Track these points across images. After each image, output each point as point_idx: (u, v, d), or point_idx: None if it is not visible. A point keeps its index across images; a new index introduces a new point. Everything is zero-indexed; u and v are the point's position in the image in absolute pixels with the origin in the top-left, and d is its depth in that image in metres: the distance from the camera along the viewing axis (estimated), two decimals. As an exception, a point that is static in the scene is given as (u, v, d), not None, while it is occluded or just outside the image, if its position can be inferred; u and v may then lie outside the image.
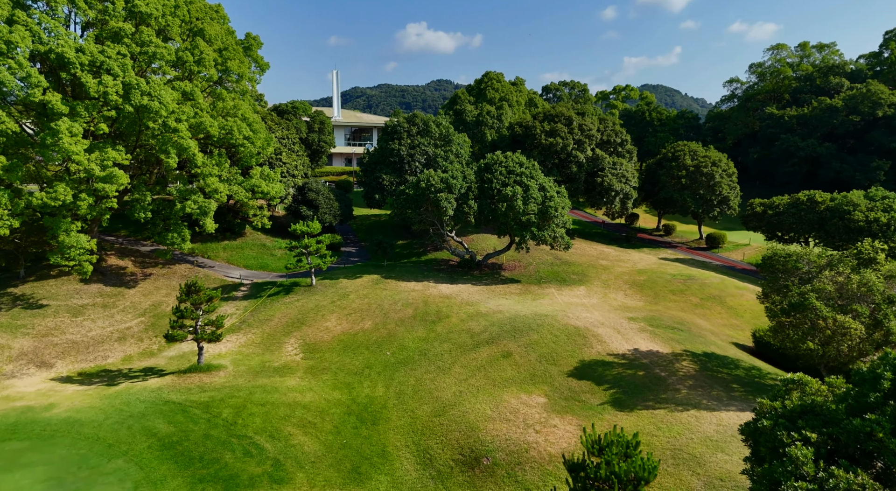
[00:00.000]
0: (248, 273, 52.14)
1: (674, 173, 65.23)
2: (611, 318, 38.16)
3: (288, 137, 62.64)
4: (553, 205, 47.18)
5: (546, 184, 49.05)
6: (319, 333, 39.91)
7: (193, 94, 42.22)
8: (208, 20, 45.85)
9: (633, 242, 70.06)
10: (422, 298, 45.20)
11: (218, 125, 44.23)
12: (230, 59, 45.11)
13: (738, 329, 40.13)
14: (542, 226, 47.76)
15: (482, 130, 76.99)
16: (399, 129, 62.48)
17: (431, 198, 48.91)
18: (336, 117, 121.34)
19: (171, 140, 40.64)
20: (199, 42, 42.60)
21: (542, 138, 62.12)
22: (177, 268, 50.57)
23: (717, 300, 44.53)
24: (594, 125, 64.25)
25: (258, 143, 47.05)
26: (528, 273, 52.48)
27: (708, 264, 59.32)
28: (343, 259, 59.33)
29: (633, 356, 31.73)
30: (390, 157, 61.88)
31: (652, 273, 51.56)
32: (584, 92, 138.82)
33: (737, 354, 33.28)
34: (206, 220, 45.42)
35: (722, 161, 65.03)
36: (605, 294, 46.25)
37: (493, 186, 48.54)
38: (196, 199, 44.41)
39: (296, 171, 59.57)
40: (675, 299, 44.85)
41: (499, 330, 36.97)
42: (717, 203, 64.76)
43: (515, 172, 48.88)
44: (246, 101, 51.79)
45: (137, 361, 36.68)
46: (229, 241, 58.23)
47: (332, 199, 61.79)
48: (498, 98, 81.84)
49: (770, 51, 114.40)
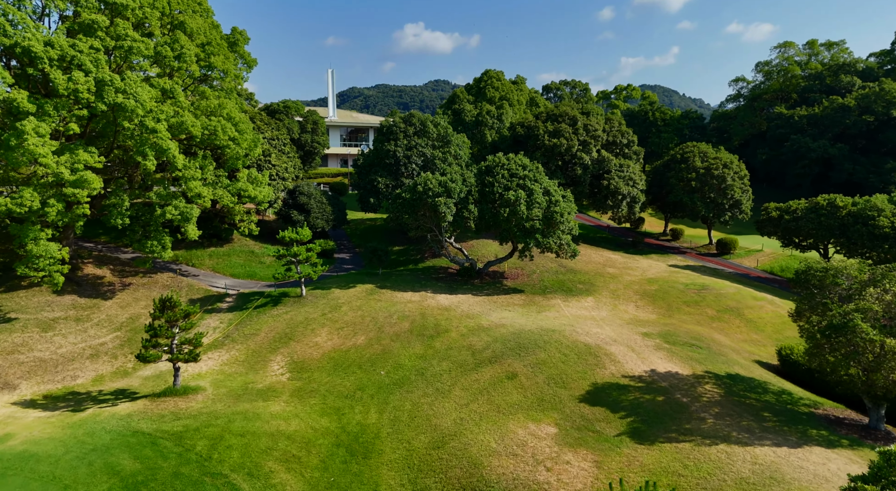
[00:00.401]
0: (235, 282, 49.50)
1: (683, 176, 62.83)
2: (623, 333, 35.64)
3: (278, 138, 60.06)
4: (558, 210, 44.70)
5: (551, 187, 46.57)
6: (308, 349, 37.31)
7: (174, 91, 39.64)
8: (190, 13, 43.28)
9: (641, 248, 67.64)
10: (419, 309, 42.65)
11: (201, 125, 41.64)
12: (214, 54, 42.54)
13: (759, 345, 37.66)
14: (547, 232, 45.27)
15: (482, 131, 74.55)
16: (395, 130, 59.98)
17: (429, 202, 46.39)
18: (331, 117, 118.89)
19: (148, 141, 38.04)
20: (180, 36, 40.03)
21: (545, 139, 59.66)
22: (158, 277, 47.92)
23: (734, 313, 42.05)
24: (599, 125, 61.82)
25: (244, 144, 44.48)
26: (531, 282, 49.97)
27: (720, 272, 56.87)
28: (336, 266, 56.76)
29: (651, 378, 29.21)
30: (386, 159, 59.35)
31: (663, 282, 49.08)
32: (585, 91, 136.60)
33: (763, 376, 30.78)
34: (188, 226, 42.84)
35: (734, 163, 62.66)
36: (614, 306, 43.74)
37: (494, 190, 46.05)
38: (177, 204, 41.82)
39: (286, 174, 57.00)
40: (689, 312, 42.37)
41: (502, 347, 34.43)
42: (728, 207, 62.36)
43: (518, 175, 46.39)
44: (232, 100, 49.23)
45: (109, 382, 34.01)
46: (216, 247, 55.61)
47: (324, 203, 59.24)
48: (498, 97, 79.40)
49: (777, 49, 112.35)
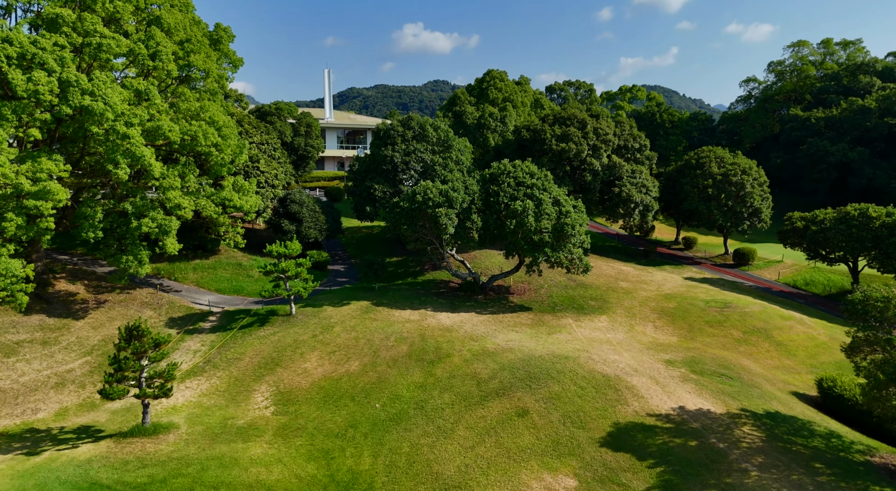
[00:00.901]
0: (220, 299, 46.41)
1: (699, 182, 59.85)
2: (644, 361, 32.56)
3: (268, 143, 57.06)
4: (569, 221, 41.67)
5: (561, 197, 43.55)
6: (296, 377, 34.22)
7: (149, 93, 36.63)
8: (168, 7, 40.31)
9: (653, 259, 64.62)
10: (418, 330, 39.60)
11: (180, 130, 38.62)
12: (194, 52, 39.54)
13: (793, 372, 34.60)
14: (557, 246, 42.23)
15: (484, 134, 71.57)
16: (392, 134, 56.98)
17: (429, 213, 43.37)
18: (328, 119, 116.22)
19: (120, 148, 35.01)
20: (156, 32, 37.03)
21: (552, 144, 56.67)
22: (137, 293, 44.85)
23: (762, 334, 39.00)
24: (610, 129, 58.85)
25: (227, 151, 41.46)
26: (539, 298, 46.90)
27: (740, 286, 53.82)
28: (330, 279, 53.72)
29: (680, 418, 26.13)
30: (383, 165, 56.34)
31: (681, 299, 46.03)
32: (590, 92, 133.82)
33: (805, 413, 27.70)
34: (166, 239, 39.76)
35: (752, 169, 59.69)
36: (631, 326, 40.67)
37: (500, 200, 43.03)
38: (155, 216, 38.75)
39: (276, 181, 53.98)
40: (713, 333, 39.31)
41: (510, 376, 31.37)
42: (747, 216, 59.36)
43: (525, 184, 43.38)
44: (217, 102, 46.25)
45: (73, 416, 30.90)
46: (201, 259, 52.53)
47: (317, 211, 56.21)
48: (501, 99, 76.45)
49: (790, 48, 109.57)
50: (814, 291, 53.11)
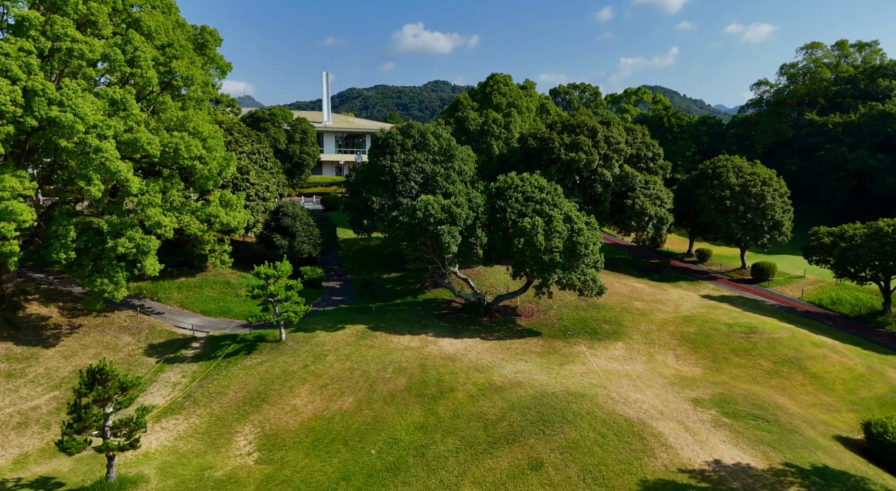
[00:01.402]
0: (205, 321, 43.52)
1: (715, 194, 56.96)
2: (670, 401, 29.61)
3: (260, 152, 54.24)
4: (582, 240, 38.78)
5: (572, 213, 40.69)
6: (284, 415, 31.31)
7: (125, 102, 33.82)
8: (148, 9, 37.53)
9: (666, 273, 61.70)
10: (418, 359, 36.73)
11: (160, 142, 35.80)
12: (176, 58, 36.73)
13: (832, 411, 31.64)
14: (570, 266, 39.34)
15: (488, 141, 68.78)
16: (391, 143, 54.16)
17: (430, 231, 40.51)
18: (326, 122, 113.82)
19: (93, 162, 32.18)
20: (133, 36, 34.24)
21: (561, 153, 53.82)
22: (115, 316, 41.98)
23: (794, 365, 36.04)
24: (622, 137, 56.01)
25: (213, 164, 38.63)
26: (549, 321, 43.98)
27: (762, 305, 50.88)
28: (325, 298, 50.83)
29: (717, 475, 23.18)
30: (381, 176, 53.51)
31: (702, 322, 43.10)
32: (595, 96, 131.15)
33: (856, 467, 24.75)
34: (146, 260, 36.89)
35: (773, 179, 56.81)
36: (650, 355, 37.72)
37: (506, 217, 40.16)
38: (132, 235, 35.88)
39: (267, 194, 51.13)
40: (740, 364, 36.35)
41: (521, 418, 28.46)
42: (767, 229, 56.44)
43: (534, 199, 40.51)
44: (203, 110, 43.44)
45: (34, 464, 27.97)
46: (187, 277, 49.68)
47: (311, 225, 53.36)
48: (505, 104, 73.64)
49: (803, 50, 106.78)
50: (841, 312, 50.17)
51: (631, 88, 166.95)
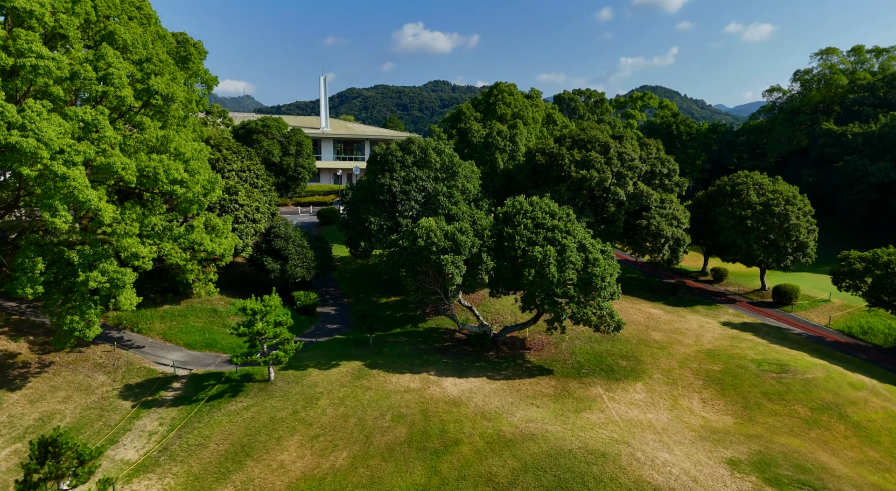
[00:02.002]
0: (189, 357, 40.60)
1: (735, 212, 54.08)
2: (702, 463, 26.66)
3: (250, 169, 51.41)
4: (598, 272, 35.90)
5: (587, 241, 37.81)
6: (270, 475, 28.36)
7: (97, 124, 30.98)
8: (125, 20, 34.73)
9: (682, 296, 58.78)
10: (419, 403, 33.81)
11: (136, 166, 32.97)
12: (156, 73, 33.92)
13: (882, 469, 28.68)
14: (584, 300, 36.43)
15: (492, 154, 65.97)
16: (391, 159, 51.33)
17: (433, 260, 37.62)
18: (324, 128, 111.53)
19: (59, 191, 29.33)
20: (107, 51, 31.44)
21: (571, 170, 50.97)
22: (90, 352, 39.07)
23: (834, 412, 33.09)
24: (636, 153, 53.18)
25: (196, 188, 35.78)
26: (560, 356, 41.04)
27: (788, 335, 47.94)
28: (319, 326, 47.95)
29: (766, 566, 20.21)
30: (379, 195, 50.68)
31: (727, 358, 40.17)
32: (601, 102, 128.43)
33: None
34: (121, 295, 34.05)
35: (797, 198, 53.94)
36: (674, 400, 34.76)
37: (515, 245, 37.27)
38: (106, 268, 33.06)
39: (257, 215, 48.27)
40: (774, 411, 33.38)
41: (535, 483, 25.55)
42: (791, 251, 53.52)
43: (545, 226, 37.63)
44: (187, 128, 40.65)
45: (-14, 538, 25.04)
46: (171, 304, 46.77)
47: (305, 247, 50.51)
48: (510, 115, 70.87)
49: (818, 56, 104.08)
50: (874, 342, 47.28)
51: (637, 93, 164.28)
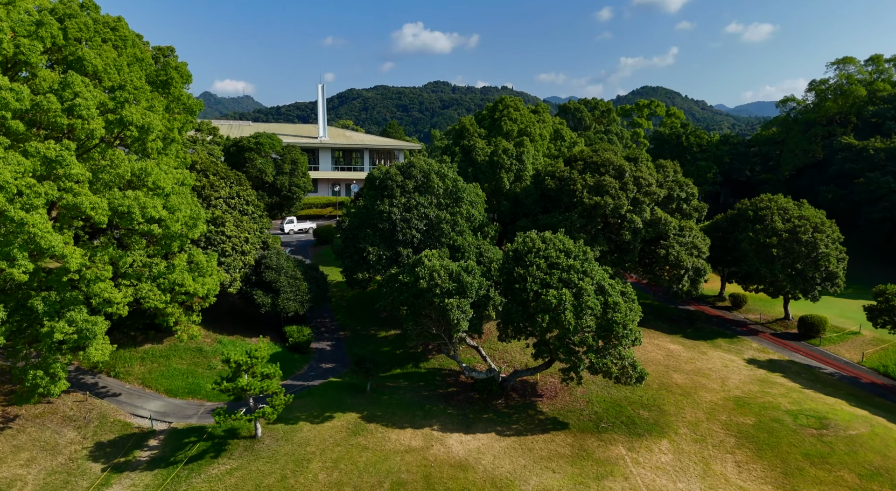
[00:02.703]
0: (169, 406, 37.51)
1: (759, 240, 51.04)
2: (747, 556, 23.47)
3: (239, 195, 48.43)
4: (619, 318, 32.83)
5: (605, 282, 34.77)
6: (253, 561, 25.22)
7: (62, 160, 28.02)
8: (98, 43, 31.82)
9: (700, 326, 55.66)
10: (422, 467, 30.70)
11: (108, 205, 29.99)
12: (129, 102, 30.95)
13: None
14: (604, 349, 33.34)
15: (498, 174, 62.91)
16: (390, 184, 48.37)
17: (436, 304, 34.57)
18: (322, 137, 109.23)
19: (16, 240, 26.36)
20: (74, 79, 28.54)
21: (584, 196, 47.98)
22: (60, 402, 36.02)
23: (885, 479, 29.94)
24: (653, 177, 50.19)
25: (176, 226, 32.81)
26: (576, 405, 37.91)
27: (820, 375, 44.80)
28: (312, 366, 44.88)
29: None
30: (378, 222, 47.68)
31: (759, 408, 37.05)
32: (608, 112, 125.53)
33: None
34: (91, 347, 31.04)
35: (825, 224, 50.91)
36: (705, 464, 31.59)
37: (527, 286, 34.20)
38: (74, 316, 30.07)
39: (247, 247, 45.25)
40: (819, 478, 30.20)
41: None
42: (820, 281, 50.42)
43: (560, 266, 34.58)
44: (169, 155, 37.70)
45: None
46: (153, 343, 43.71)
47: (298, 279, 47.50)
48: (516, 131, 67.99)
49: (834, 66, 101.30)
50: (913, 384, 44.13)
51: (643, 100, 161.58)
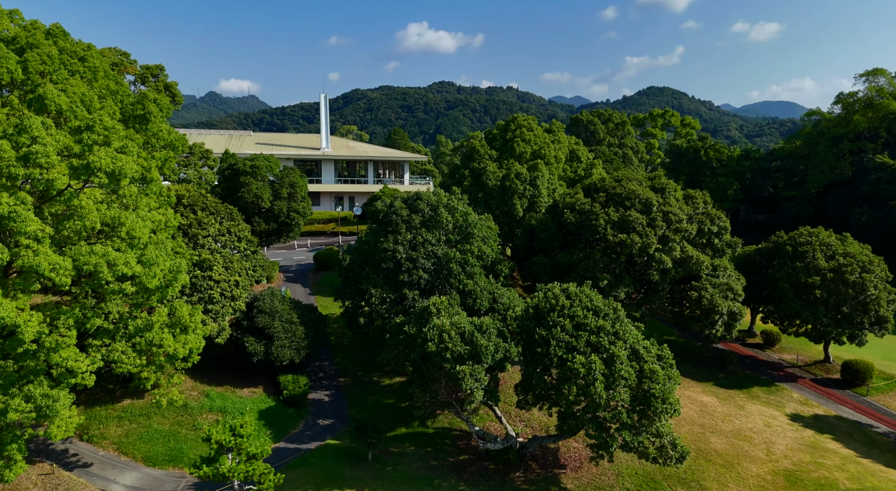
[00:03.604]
0: (146, 478, 33.79)
1: (800, 279, 47.02)
2: None
3: (230, 231, 44.87)
4: (657, 390, 28.94)
5: (639, 344, 30.93)
6: None
7: (16, 216, 24.44)
8: (64, 76, 28.32)
9: (732, 370, 51.59)
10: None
11: (72, 264, 26.39)
12: (98, 143, 27.37)
13: None
14: (640, 425, 29.40)
15: (510, 200, 59.25)
16: (394, 219, 44.72)
17: (447, 369, 30.76)
18: (325, 149, 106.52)
19: (-43, 313, 22.80)
20: (31, 122, 25.07)
21: (608, 233, 44.12)
22: (24, 478, 32.34)
23: None
24: (682, 211, 46.29)
25: (153, 282, 29.18)
26: (604, 479, 33.90)
27: (874, 436, 40.67)
28: (309, 422, 41.17)
29: None
30: (382, 262, 43.98)
31: (815, 487, 32.94)
32: (622, 125, 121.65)
33: None
34: (52, 424, 27.46)
35: (874, 262, 46.84)
36: (761, 566, 27.52)
37: (550, 352, 30.33)
38: (31, 391, 26.50)
39: (237, 291, 41.59)
40: None
41: None
42: (868, 325, 46.30)
43: (587, 327, 30.72)
44: (150, 196, 34.10)
45: None
46: (133, 398, 40.13)
47: (294, 323, 43.84)
48: (530, 153, 64.29)
49: (863, 78, 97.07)
50: (981, 449, 39.86)
51: (657, 110, 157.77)
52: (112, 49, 58.48)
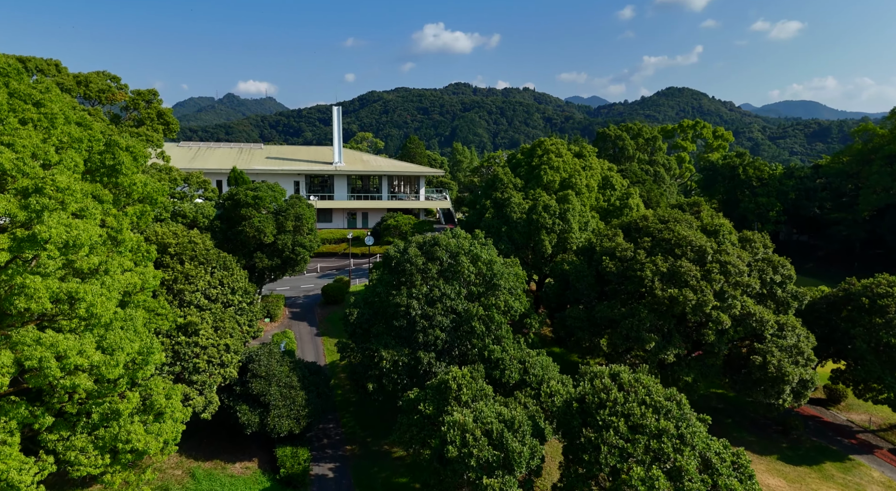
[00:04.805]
0: None
1: (880, 338, 40.87)
2: None
3: (223, 283, 40.18)
4: (736, 515, 23.26)
5: (710, 451, 25.30)
6: None
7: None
8: (13, 127, 23.78)
9: (796, 436, 45.46)
10: None
11: (10, 360, 21.77)
12: (50, 209, 22.69)
13: None
14: (713, 559, 23.75)
15: (537, 236, 53.87)
16: (409, 268, 39.66)
17: (470, 479, 25.46)
18: (337, 163, 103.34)
19: None
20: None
21: (655, 286, 38.52)
22: None
23: None
24: (742, 260, 40.47)
25: (114, 372, 24.43)
26: None
27: (983, 540, 34.35)
28: (308, 507, 36.07)
29: None
30: (394, 318, 38.92)
31: None
32: (653, 140, 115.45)
33: None
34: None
35: (970, 322, 40.44)
36: None
37: (600, 459, 24.87)
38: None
39: (227, 356, 36.71)
40: None
41: None
42: (964, 395, 39.99)
43: (647, 430, 25.22)
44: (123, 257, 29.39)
45: None
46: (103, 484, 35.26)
47: (294, 387, 38.95)
48: (558, 182, 58.88)
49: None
50: None
51: (687, 121, 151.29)
52: (100, 73, 54.52)
